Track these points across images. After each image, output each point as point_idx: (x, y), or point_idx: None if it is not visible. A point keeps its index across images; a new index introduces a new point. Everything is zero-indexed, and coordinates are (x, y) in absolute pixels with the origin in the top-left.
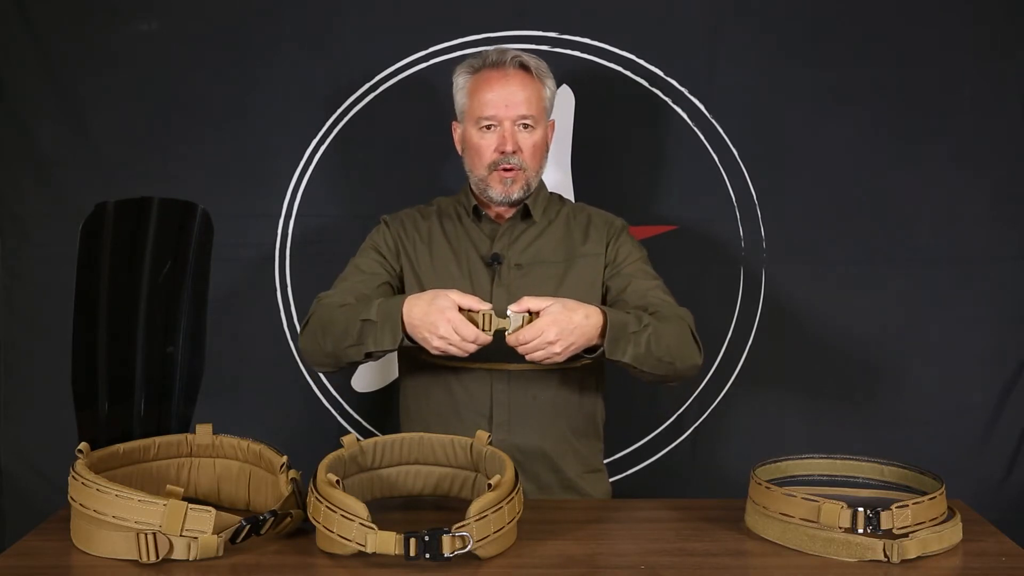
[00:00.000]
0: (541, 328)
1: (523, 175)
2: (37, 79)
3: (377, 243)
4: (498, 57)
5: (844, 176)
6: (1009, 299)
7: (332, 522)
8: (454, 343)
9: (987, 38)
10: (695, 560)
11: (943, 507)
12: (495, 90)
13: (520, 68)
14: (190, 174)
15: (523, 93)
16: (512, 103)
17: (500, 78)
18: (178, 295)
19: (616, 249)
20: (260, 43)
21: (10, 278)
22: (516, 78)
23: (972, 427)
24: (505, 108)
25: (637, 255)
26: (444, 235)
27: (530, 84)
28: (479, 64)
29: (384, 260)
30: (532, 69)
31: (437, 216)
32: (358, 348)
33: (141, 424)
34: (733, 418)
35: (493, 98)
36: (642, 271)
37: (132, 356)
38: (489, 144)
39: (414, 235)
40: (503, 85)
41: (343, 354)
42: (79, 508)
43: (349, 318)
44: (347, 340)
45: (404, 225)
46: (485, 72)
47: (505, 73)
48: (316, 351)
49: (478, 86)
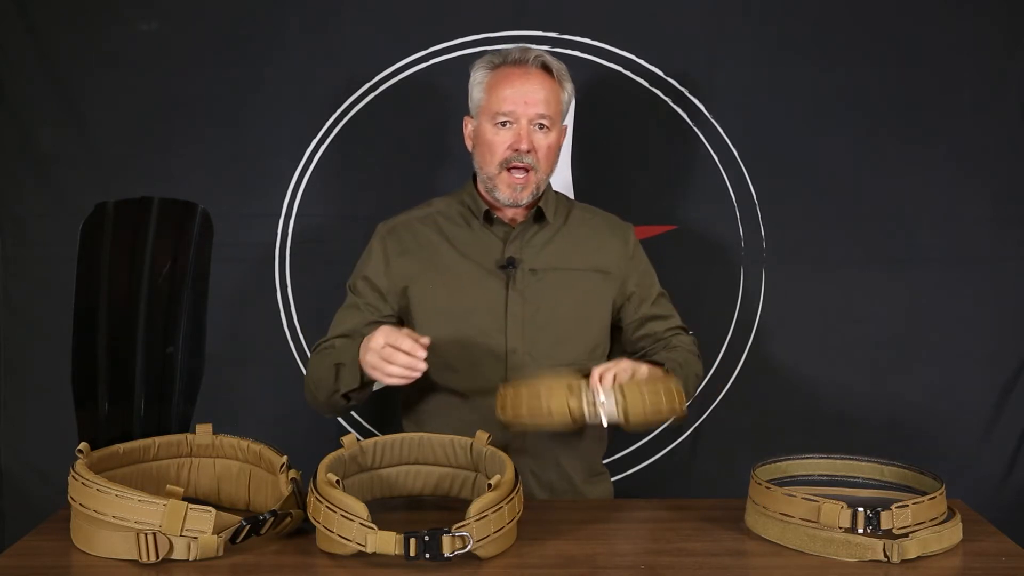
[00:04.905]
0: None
1: (534, 177)
2: (37, 79)
3: (368, 273)
4: (520, 55)
5: (844, 176)
6: (1009, 299)
7: (332, 522)
8: (403, 366)
9: (987, 38)
10: (695, 560)
11: (943, 507)
12: (515, 87)
13: (542, 68)
14: (190, 174)
15: (543, 92)
16: (532, 101)
17: (521, 75)
18: (178, 295)
19: (630, 272)
20: (260, 43)
21: (10, 278)
22: (537, 77)
23: (972, 427)
24: (524, 105)
25: (649, 279)
26: (448, 241)
27: (550, 85)
28: (500, 60)
29: (377, 294)
30: (554, 71)
31: (437, 221)
32: (336, 393)
33: (141, 424)
34: (733, 418)
35: (512, 94)
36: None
37: (132, 356)
38: (503, 141)
39: (413, 246)
40: (524, 82)
41: (333, 402)
42: (79, 508)
43: (328, 365)
44: (327, 387)
45: (401, 238)
46: (505, 68)
47: (527, 71)
48: (314, 402)
49: (497, 81)
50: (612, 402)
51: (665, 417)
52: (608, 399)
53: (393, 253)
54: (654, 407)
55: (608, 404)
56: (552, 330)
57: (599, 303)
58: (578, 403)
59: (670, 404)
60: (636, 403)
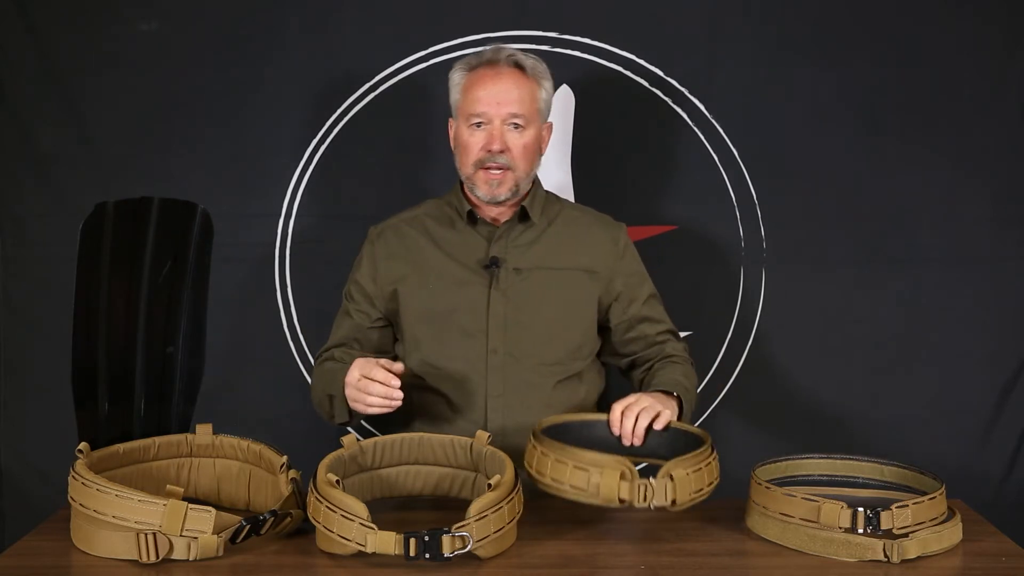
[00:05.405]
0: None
1: (511, 175)
2: (37, 79)
3: (358, 278)
4: (493, 55)
5: (844, 176)
6: (1009, 299)
7: (332, 522)
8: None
9: (987, 38)
10: (695, 560)
11: (943, 507)
12: (487, 87)
13: (514, 67)
14: (190, 174)
15: (516, 92)
16: (503, 101)
17: (493, 76)
18: (178, 295)
19: (618, 271)
20: (260, 43)
21: (10, 278)
22: (509, 77)
23: (972, 427)
24: (496, 106)
25: (638, 279)
26: (434, 242)
27: (524, 84)
28: (475, 62)
29: (367, 299)
30: (527, 69)
31: (424, 222)
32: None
33: (141, 424)
34: (733, 418)
35: (484, 95)
36: (648, 304)
37: (132, 356)
38: (477, 142)
39: (399, 249)
40: (495, 83)
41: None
42: (79, 508)
43: (322, 392)
44: (327, 413)
45: (388, 241)
46: (479, 70)
47: (498, 71)
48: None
49: (471, 83)
50: (663, 490)
51: (707, 494)
52: (659, 486)
53: (381, 256)
54: (699, 489)
55: (658, 492)
56: (535, 330)
57: (585, 303)
58: (629, 491)
59: (711, 480)
60: (684, 489)
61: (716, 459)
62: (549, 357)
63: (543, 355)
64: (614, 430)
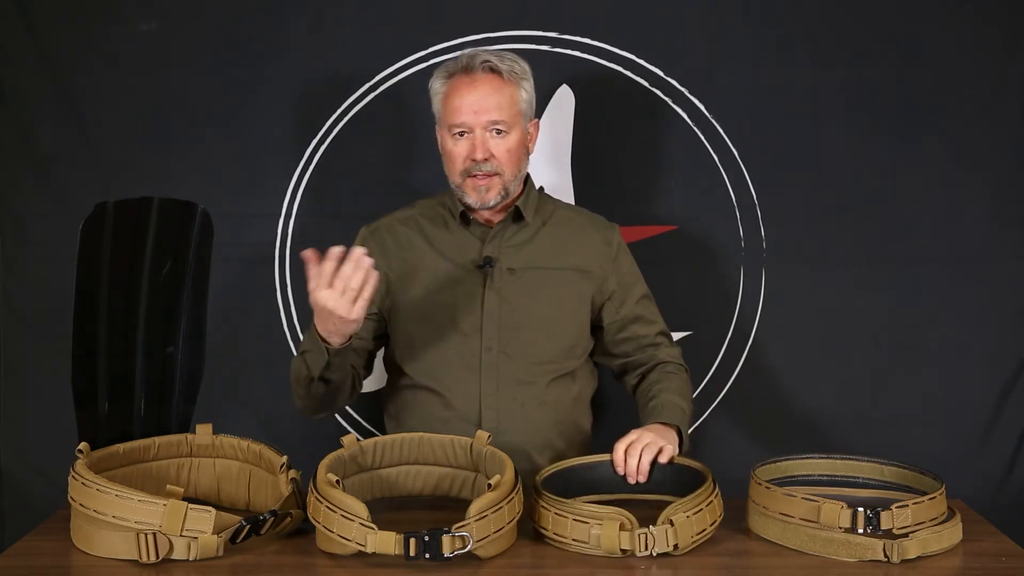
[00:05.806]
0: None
1: (499, 180)
2: (37, 79)
3: None
4: (468, 62)
5: (844, 176)
6: (1009, 299)
7: (332, 522)
8: (339, 297)
9: (987, 38)
10: (695, 560)
11: (943, 507)
12: (464, 96)
13: (490, 72)
14: (190, 174)
15: (494, 98)
16: (481, 109)
17: (469, 84)
18: (178, 295)
19: (612, 271)
20: (260, 43)
21: (10, 278)
22: (485, 83)
23: (972, 427)
24: (474, 115)
25: (631, 280)
26: (428, 242)
27: (502, 88)
28: (452, 68)
29: None
30: (504, 73)
31: (418, 222)
32: (312, 382)
33: (141, 424)
34: (733, 418)
35: (462, 105)
36: (641, 304)
37: (132, 356)
38: (461, 152)
39: (393, 247)
40: (471, 91)
41: (313, 392)
42: (79, 508)
43: (298, 360)
44: (303, 379)
45: (382, 239)
46: (456, 78)
47: (474, 79)
48: (302, 407)
49: (449, 92)
50: (664, 537)
51: (710, 534)
52: (659, 533)
53: (374, 254)
54: (701, 530)
55: (659, 539)
56: (529, 329)
57: (578, 302)
58: (630, 541)
59: (713, 519)
60: (686, 533)
61: (718, 496)
62: (542, 356)
63: (537, 354)
64: (618, 469)
